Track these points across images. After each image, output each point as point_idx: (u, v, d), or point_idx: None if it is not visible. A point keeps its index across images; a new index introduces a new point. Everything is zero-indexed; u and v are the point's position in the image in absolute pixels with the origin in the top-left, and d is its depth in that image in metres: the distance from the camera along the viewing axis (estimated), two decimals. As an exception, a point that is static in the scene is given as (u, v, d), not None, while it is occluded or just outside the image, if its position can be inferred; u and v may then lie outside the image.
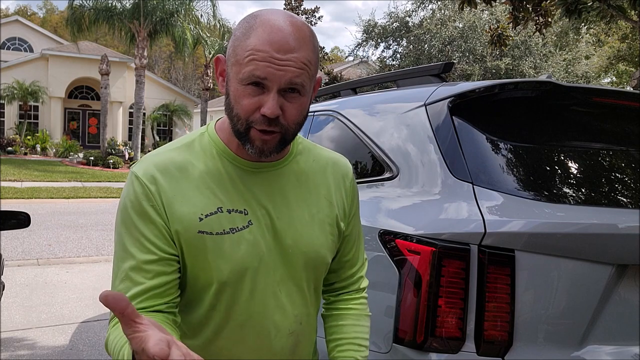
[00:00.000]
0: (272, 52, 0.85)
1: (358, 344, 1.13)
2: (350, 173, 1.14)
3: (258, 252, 0.98)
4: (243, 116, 0.90)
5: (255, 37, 0.87)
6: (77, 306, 4.37)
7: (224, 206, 0.96)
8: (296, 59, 0.87)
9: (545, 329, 1.36)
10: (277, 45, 0.85)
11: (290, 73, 0.87)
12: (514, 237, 1.34)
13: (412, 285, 1.38)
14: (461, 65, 16.55)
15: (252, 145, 0.92)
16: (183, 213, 0.93)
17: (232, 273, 0.96)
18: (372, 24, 18.56)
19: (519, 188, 1.45)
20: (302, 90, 0.90)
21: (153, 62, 45.17)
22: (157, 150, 1.01)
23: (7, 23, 27.21)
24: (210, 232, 0.94)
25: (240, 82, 0.89)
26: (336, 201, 1.09)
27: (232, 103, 0.92)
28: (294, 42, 0.87)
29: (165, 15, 18.54)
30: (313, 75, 0.93)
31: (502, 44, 7.23)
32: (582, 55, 17.74)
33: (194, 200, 0.95)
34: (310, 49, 0.89)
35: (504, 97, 1.66)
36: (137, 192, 0.94)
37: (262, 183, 1.00)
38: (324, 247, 1.05)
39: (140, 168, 0.96)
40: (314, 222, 1.04)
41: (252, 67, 0.86)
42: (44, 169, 16.13)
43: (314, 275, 1.07)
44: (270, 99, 0.87)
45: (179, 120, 25.77)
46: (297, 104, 0.91)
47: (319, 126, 2.31)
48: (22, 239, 6.87)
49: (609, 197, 1.53)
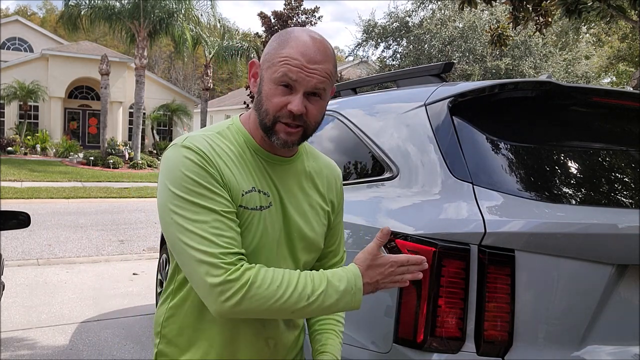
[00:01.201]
0: (303, 61, 1.04)
1: (337, 320, 1.33)
2: (341, 176, 1.34)
3: (273, 230, 1.13)
4: (272, 111, 1.07)
5: (290, 48, 1.06)
6: (77, 306, 4.37)
7: (256, 187, 1.12)
8: (321, 69, 1.06)
9: (545, 329, 1.36)
10: (308, 57, 1.05)
11: (315, 79, 1.05)
12: (514, 237, 1.34)
13: (412, 285, 1.38)
14: (461, 65, 16.55)
15: (278, 137, 1.09)
16: (232, 186, 1.07)
17: (255, 245, 1.10)
18: (372, 24, 18.56)
19: (519, 188, 1.45)
20: (323, 95, 1.10)
21: (153, 62, 45.18)
22: (191, 133, 1.12)
23: (7, 23, 27.18)
24: (247, 207, 1.09)
25: (274, 82, 1.06)
26: (329, 197, 1.28)
27: (263, 100, 1.08)
28: (321, 56, 1.06)
29: (165, 15, 18.53)
30: (332, 83, 1.11)
31: (502, 44, 7.22)
32: (582, 55, 17.75)
33: (238, 177, 1.09)
34: (331, 64, 1.09)
35: (504, 97, 1.66)
36: (194, 159, 1.04)
37: (278, 173, 1.16)
38: (318, 233, 1.23)
39: (189, 142, 1.07)
40: (313, 211, 1.22)
41: (286, 69, 1.04)
42: (44, 169, 16.13)
43: (310, 258, 1.24)
44: (297, 98, 1.05)
45: (179, 120, 25.74)
46: (317, 106, 1.09)
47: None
48: (22, 239, 6.87)
49: (609, 197, 1.53)
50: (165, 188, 1.04)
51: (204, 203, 1.02)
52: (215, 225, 1.01)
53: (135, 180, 15.56)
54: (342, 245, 1.39)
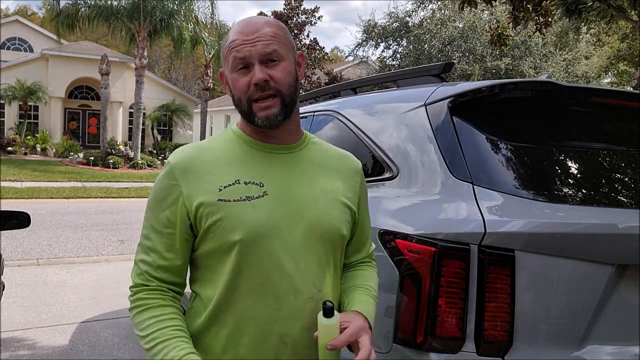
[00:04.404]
0: (242, 37, 1.09)
1: (365, 287, 1.26)
2: (361, 170, 1.30)
3: (273, 218, 1.10)
4: (243, 95, 1.10)
5: (231, 34, 1.12)
6: (77, 306, 4.37)
7: (242, 179, 1.12)
8: (262, 34, 1.08)
9: (545, 329, 1.36)
10: (245, 31, 1.09)
11: (260, 44, 1.08)
12: (514, 237, 1.34)
13: (412, 285, 1.38)
14: (461, 65, 16.54)
15: (258, 117, 1.10)
16: (204, 187, 1.10)
17: (247, 234, 1.08)
18: (372, 24, 18.56)
19: (519, 188, 1.45)
20: (279, 56, 1.10)
21: (153, 62, 45.15)
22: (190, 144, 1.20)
23: (7, 23, 27.16)
24: (227, 200, 1.09)
25: (232, 70, 1.10)
26: (347, 186, 1.23)
27: (233, 91, 1.12)
28: (258, 25, 1.10)
29: (165, 15, 18.52)
30: (285, 44, 1.12)
31: (502, 44, 7.22)
32: (582, 55, 17.74)
33: (215, 175, 1.11)
34: (274, 27, 1.11)
35: (504, 97, 1.66)
36: (162, 174, 1.15)
37: (278, 163, 1.16)
38: (337, 219, 1.17)
39: (172, 155, 1.17)
40: (327, 198, 1.17)
41: (234, 53, 1.09)
42: (44, 169, 16.13)
43: (332, 248, 1.18)
44: (255, 70, 1.07)
45: (179, 120, 25.75)
46: (280, 68, 1.09)
47: (318, 126, 2.31)
48: (22, 239, 6.87)
49: (609, 197, 1.53)
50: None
51: (155, 216, 1.13)
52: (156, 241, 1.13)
53: (135, 180, 15.55)
54: (369, 242, 1.35)
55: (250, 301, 1.11)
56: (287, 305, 1.11)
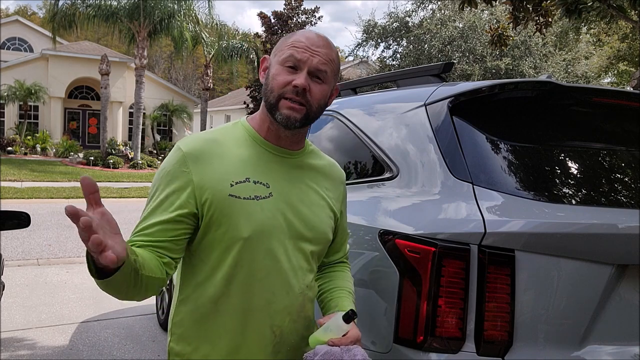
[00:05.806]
0: (307, 44, 1.16)
1: (348, 291, 1.37)
2: (345, 178, 1.41)
3: (276, 218, 1.18)
4: (276, 89, 1.16)
5: (295, 37, 1.19)
6: (77, 306, 4.37)
7: (251, 178, 1.17)
8: (324, 53, 1.17)
9: (545, 329, 1.36)
10: (312, 41, 1.17)
11: (317, 59, 1.16)
12: (514, 237, 1.34)
13: (412, 285, 1.38)
14: (461, 65, 16.54)
15: (281, 112, 1.16)
16: (216, 178, 1.14)
17: (253, 232, 1.15)
18: (372, 24, 18.55)
19: (519, 188, 1.45)
20: (325, 79, 1.18)
21: (153, 62, 45.15)
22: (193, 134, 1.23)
23: (7, 23, 27.15)
24: (238, 197, 1.15)
25: (280, 64, 1.16)
26: (334, 194, 1.34)
27: (270, 81, 1.18)
28: (323, 42, 1.19)
29: (165, 15, 18.51)
30: (334, 72, 1.21)
31: (502, 44, 7.21)
32: (582, 55, 17.73)
33: (227, 169, 1.16)
34: (333, 52, 1.20)
35: (504, 97, 1.66)
36: (172, 157, 1.19)
37: (283, 166, 1.23)
38: (325, 224, 1.29)
39: (182, 141, 1.21)
40: (319, 204, 1.28)
41: (292, 51, 1.16)
42: (44, 169, 16.12)
43: (318, 249, 1.29)
44: (301, 75, 1.15)
45: (179, 120, 25.74)
46: (320, 88, 1.18)
47: (318, 126, 2.31)
48: (22, 239, 6.87)
49: (609, 197, 1.53)
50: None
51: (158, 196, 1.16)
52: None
53: (135, 180, 15.55)
54: (346, 243, 1.48)
55: (247, 294, 1.18)
56: (280, 299, 1.20)
